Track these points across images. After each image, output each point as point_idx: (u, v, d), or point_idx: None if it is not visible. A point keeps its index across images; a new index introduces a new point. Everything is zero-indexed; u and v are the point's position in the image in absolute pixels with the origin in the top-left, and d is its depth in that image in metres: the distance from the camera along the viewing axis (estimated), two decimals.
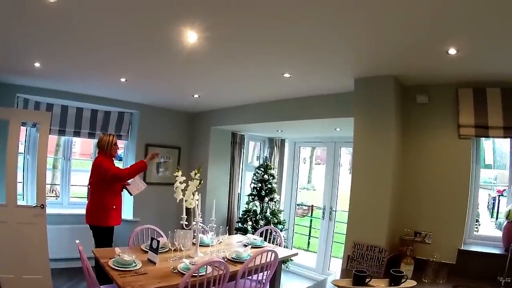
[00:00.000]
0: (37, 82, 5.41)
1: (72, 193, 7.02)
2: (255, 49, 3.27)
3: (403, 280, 3.00)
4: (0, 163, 5.06)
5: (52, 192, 7.52)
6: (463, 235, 3.62)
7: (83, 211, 6.20)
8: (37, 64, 4.25)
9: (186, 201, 3.95)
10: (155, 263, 3.62)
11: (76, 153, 9.65)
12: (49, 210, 5.12)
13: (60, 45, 3.51)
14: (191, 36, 2.95)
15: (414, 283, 3.03)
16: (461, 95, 3.64)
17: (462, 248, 3.54)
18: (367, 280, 3.02)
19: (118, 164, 5.86)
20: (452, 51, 2.86)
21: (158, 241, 3.74)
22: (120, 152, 6.88)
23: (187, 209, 3.99)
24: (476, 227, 3.99)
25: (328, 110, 4.75)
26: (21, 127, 5.03)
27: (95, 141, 6.49)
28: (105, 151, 4.85)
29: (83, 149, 10.18)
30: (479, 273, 3.34)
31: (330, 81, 4.20)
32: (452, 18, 2.30)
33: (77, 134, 6.54)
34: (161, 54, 3.60)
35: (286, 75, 3.98)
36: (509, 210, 3.48)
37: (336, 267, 3.81)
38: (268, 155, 7.52)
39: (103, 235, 4.76)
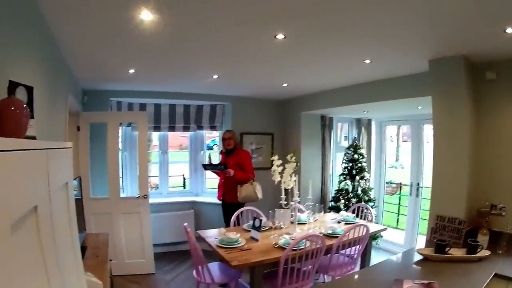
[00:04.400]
0: (129, 86, 6.06)
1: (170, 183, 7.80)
2: (338, 41, 3.59)
3: (478, 249, 3.29)
4: (101, 162, 5.80)
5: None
6: None
7: (180, 199, 7.12)
8: (131, 71, 4.83)
9: (284, 182, 4.40)
10: (257, 240, 4.13)
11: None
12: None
13: (155, 53, 4.02)
14: (279, 36, 3.35)
15: (488, 252, 3.31)
16: None
17: None
18: (446, 249, 3.35)
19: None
20: (509, 30, 3.03)
21: (261, 220, 4.23)
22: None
23: (285, 190, 4.44)
24: None
25: (406, 90, 4.96)
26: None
27: (191, 133, 7.50)
28: None
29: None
30: None
31: (407, 64, 4.43)
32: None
33: (172, 128, 7.17)
34: (252, 52, 4.01)
35: (367, 61, 4.26)
36: None
37: (422, 244, 4.09)
38: (356, 136, 7.77)
39: None
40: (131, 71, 4.81)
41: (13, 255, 0.86)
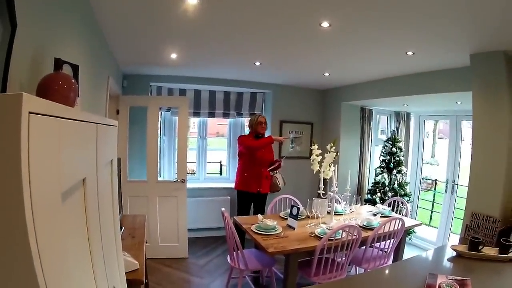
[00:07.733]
0: (170, 71, 6.09)
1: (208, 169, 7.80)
2: (383, 32, 3.51)
3: (511, 249, 3.20)
4: (138, 146, 5.89)
5: None
6: None
7: (217, 185, 7.11)
8: (173, 56, 4.84)
9: (323, 172, 4.40)
10: (294, 228, 4.14)
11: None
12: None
13: (197, 39, 4.01)
14: (324, 24, 3.30)
15: None
16: None
17: None
18: (480, 247, 3.28)
19: None
20: None
21: (299, 208, 4.24)
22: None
23: (323, 180, 4.44)
24: None
25: (447, 84, 4.83)
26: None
27: (230, 120, 7.48)
28: (251, 130, 5.65)
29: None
30: None
31: (449, 57, 4.31)
32: None
33: (211, 114, 7.16)
34: (296, 40, 3.96)
35: (410, 53, 4.18)
36: None
37: (454, 242, 4.02)
38: (395, 129, 7.65)
39: (237, 197, 5.77)
40: (173, 56, 4.83)
41: (63, 222, 0.87)
